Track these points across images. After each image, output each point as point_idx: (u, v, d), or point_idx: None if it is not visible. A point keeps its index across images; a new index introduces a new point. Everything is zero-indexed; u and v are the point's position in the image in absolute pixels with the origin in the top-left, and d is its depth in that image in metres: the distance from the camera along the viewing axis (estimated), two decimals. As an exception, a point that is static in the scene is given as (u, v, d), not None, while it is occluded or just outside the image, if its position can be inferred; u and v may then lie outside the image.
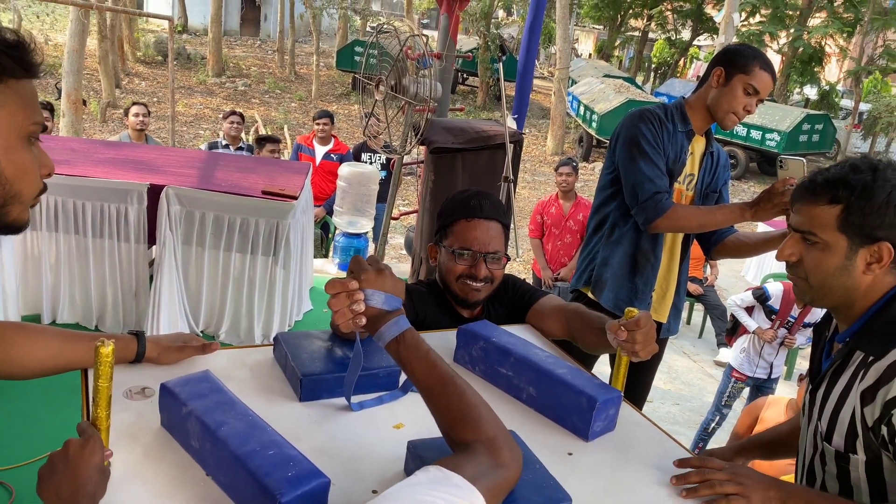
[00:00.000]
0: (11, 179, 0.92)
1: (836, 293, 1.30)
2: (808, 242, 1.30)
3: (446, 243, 1.80)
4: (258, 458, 1.00)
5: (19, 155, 0.92)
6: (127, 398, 1.24)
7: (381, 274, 1.13)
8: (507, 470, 0.95)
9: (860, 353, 1.26)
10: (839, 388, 1.29)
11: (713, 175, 2.52)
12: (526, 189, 12.68)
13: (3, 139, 0.90)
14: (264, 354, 1.45)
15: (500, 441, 0.98)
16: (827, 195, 1.26)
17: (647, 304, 2.51)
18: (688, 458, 1.25)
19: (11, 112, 0.90)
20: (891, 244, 1.23)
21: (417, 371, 1.06)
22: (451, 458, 0.95)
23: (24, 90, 0.92)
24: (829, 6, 19.62)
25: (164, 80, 17.27)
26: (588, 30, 35.58)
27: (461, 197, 1.83)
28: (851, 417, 1.25)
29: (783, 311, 4.54)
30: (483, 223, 1.76)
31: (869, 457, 1.23)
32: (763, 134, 14.99)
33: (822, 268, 1.28)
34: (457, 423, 1.01)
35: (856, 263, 1.26)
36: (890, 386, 1.17)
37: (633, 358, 1.38)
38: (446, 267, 1.80)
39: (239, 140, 6.19)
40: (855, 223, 1.24)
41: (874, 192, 1.22)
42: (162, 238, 3.59)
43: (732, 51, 2.35)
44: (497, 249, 1.77)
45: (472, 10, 19.39)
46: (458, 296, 1.79)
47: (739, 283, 8.14)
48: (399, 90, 3.94)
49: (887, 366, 1.19)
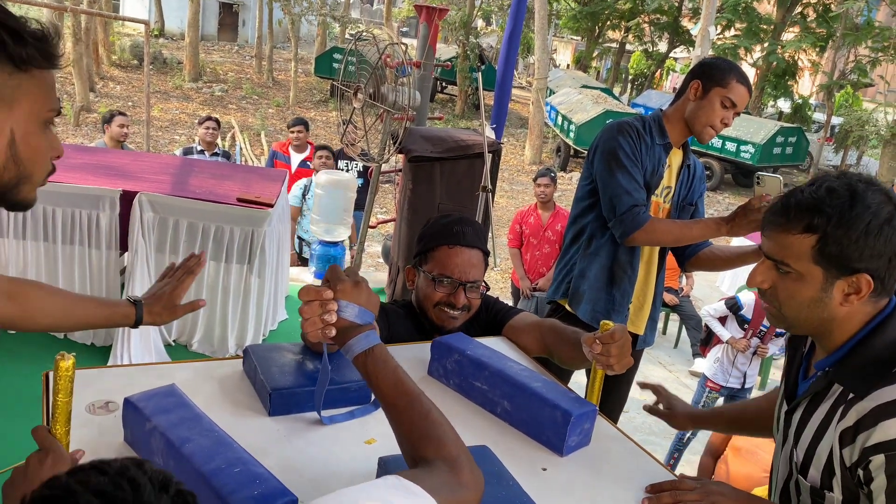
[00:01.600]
0: (26, 161, 0.99)
1: (811, 324, 1.22)
2: (780, 271, 1.21)
3: (426, 268, 1.77)
4: (223, 475, 0.98)
5: (36, 139, 1.00)
6: (90, 413, 1.21)
7: (358, 286, 1.11)
8: (468, 490, 0.93)
9: (839, 385, 1.20)
10: (817, 419, 1.23)
11: (689, 188, 2.53)
12: (504, 198, 12.71)
13: (24, 124, 0.97)
14: (233, 367, 1.42)
15: (462, 462, 0.95)
16: (801, 223, 1.16)
17: (624, 317, 2.51)
18: (659, 483, 1.23)
19: (34, 99, 0.97)
20: (870, 275, 1.14)
21: (383, 386, 1.04)
22: (412, 471, 0.93)
23: (45, 79, 0.99)
24: (802, 21, 19.98)
25: (139, 85, 17.09)
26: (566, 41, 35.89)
27: (443, 222, 1.80)
28: (829, 455, 1.20)
29: (755, 321, 4.58)
30: (465, 251, 1.75)
31: (846, 495, 1.19)
32: (738, 146, 15.18)
33: (795, 299, 1.20)
34: (419, 441, 0.98)
35: (832, 295, 1.17)
36: (871, 432, 1.11)
37: (609, 371, 1.37)
38: (424, 293, 1.78)
39: (214, 146, 6.12)
40: (832, 254, 1.14)
41: (852, 221, 1.12)
42: (134, 245, 3.53)
43: (709, 64, 2.36)
44: (476, 279, 1.76)
45: (452, 20, 19.44)
46: (434, 322, 1.77)
47: (715, 293, 8.20)
48: (377, 98, 3.93)
49: (869, 409, 1.12)
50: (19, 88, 0.95)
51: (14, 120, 0.96)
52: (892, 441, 1.09)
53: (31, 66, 0.95)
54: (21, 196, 1.02)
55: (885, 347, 1.16)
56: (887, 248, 1.13)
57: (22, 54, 0.93)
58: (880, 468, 1.10)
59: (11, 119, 0.96)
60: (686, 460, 4.43)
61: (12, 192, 1.01)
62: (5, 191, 1.00)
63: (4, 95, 0.94)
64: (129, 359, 3.47)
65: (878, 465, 1.10)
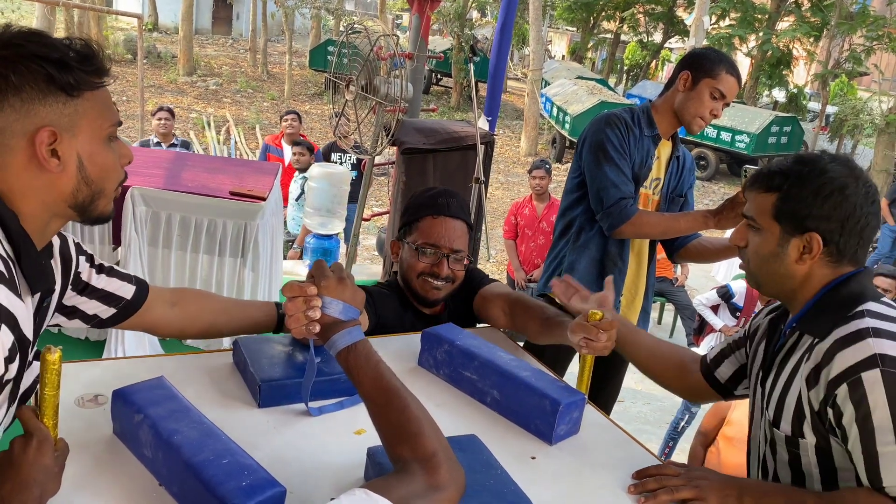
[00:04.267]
0: (96, 180, 1.02)
1: (773, 280, 1.33)
2: (752, 229, 1.34)
3: (410, 239, 1.79)
4: (212, 467, 0.98)
5: (102, 156, 1.02)
6: (79, 406, 1.21)
7: (342, 283, 1.11)
8: (444, 491, 0.92)
9: (808, 337, 1.28)
10: (786, 373, 1.30)
11: (679, 179, 2.53)
12: (500, 190, 12.71)
13: (88, 146, 1.00)
14: (224, 360, 1.43)
15: (440, 458, 0.94)
16: (769, 182, 1.31)
17: (615, 309, 2.51)
18: (645, 468, 1.25)
19: (92, 120, 1.00)
20: (820, 236, 1.25)
21: (364, 381, 1.04)
22: (382, 480, 0.93)
23: (99, 97, 1.01)
24: (796, 10, 19.94)
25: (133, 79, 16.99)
26: (561, 31, 35.77)
27: (428, 194, 1.82)
28: (798, 400, 1.25)
29: (747, 308, 4.59)
30: (449, 221, 1.76)
31: (818, 439, 1.24)
32: (733, 136, 15.17)
33: (759, 253, 1.33)
34: (396, 439, 0.98)
35: (788, 252, 1.28)
36: (830, 366, 1.18)
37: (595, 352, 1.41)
38: (408, 263, 1.79)
39: (171, 136, 6.07)
40: (787, 211, 1.27)
41: (806, 182, 1.25)
42: (127, 239, 3.52)
43: (699, 55, 2.36)
44: (461, 248, 1.77)
45: (446, 11, 19.37)
46: (419, 293, 1.78)
47: (710, 283, 8.22)
48: (370, 90, 3.92)
49: (828, 346, 1.20)
50: (76, 114, 0.98)
51: (79, 145, 0.99)
52: (850, 368, 1.16)
53: (83, 90, 0.98)
54: (98, 211, 1.05)
55: (845, 297, 1.26)
56: (836, 213, 1.24)
57: (70, 81, 0.96)
58: (846, 398, 1.16)
59: (76, 145, 0.99)
60: (681, 449, 4.45)
61: (90, 210, 1.04)
62: (81, 209, 1.03)
63: (64, 124, 0.97)
64: (123, 352, 3.47)
65: (844, 396, 1.16)
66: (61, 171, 0.98)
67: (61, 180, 0.99)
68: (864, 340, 1.17)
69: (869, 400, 1.13)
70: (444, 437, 0.99)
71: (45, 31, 1.01)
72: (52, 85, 0.95)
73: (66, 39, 0.99)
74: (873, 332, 1.17)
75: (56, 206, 1.01)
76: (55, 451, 0.95)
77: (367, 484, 0.89)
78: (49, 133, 0.96)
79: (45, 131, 0.95)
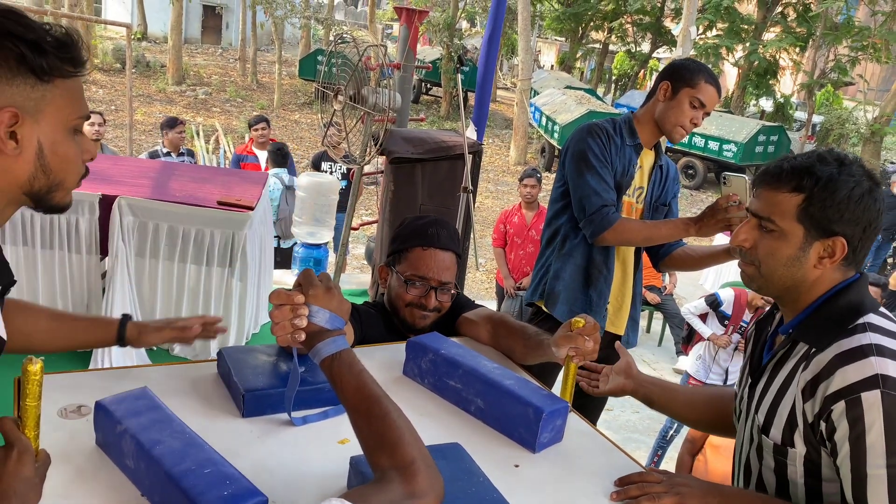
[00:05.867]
0: (56, 170, 1.00)
1: (784, 283, 1.28)
2: (764, 229, 1.28)
3: (399, 269, 1.79)
4: (193, 476, 0.98)
5: (64, 147, 1.00)
6: (62, 417, 1.21)
7: (329, 292, 1.11)
8: (421, 499, 0.92)
9: (803, 345, 1.26)
10: (779, 380, 1.28)
11: (662, 188, 2.56)
12: (489, 199, 12.74)
13: (51, 133, 0.98)
14: (208, 370, 1.43)
15: (418, 466, 0.94)
16: (791, 183, 1.24)
17: (602, 317, 2.52)
18: (627, 475, 1.25)
19: (58, 108, 0.98)
20: (845, 240, 1.22)
21: (347, 390, 1.04)
22: (360, 489, 0.93)
23: (70, 87, 0.99)
24: (782, 21, 20.15)
25: (122, 88, 16.97)
26: (550, 42, 35.99)
27: (418, 224, 1.82)
28: (791, 410, 1.24)
29: (735, 317, 4.61)
30: (438, 253, 1.76)
31: (808, 450, 1.23)
32: (720, 145, 15.29)
33: (774, 256, 1.27)
34: (376, 447, 0.98)
35: (808, 255, 1.24)
36: (830, 381, 1.16)
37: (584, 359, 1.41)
38: (396, 293, 1.80)
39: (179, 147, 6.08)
40: (814, 215, 1.22)
41: (838, 185, 1.20)
42: (114, 250, 3.52)
43: (678, 65, 2.39)
44: (449, 281, 1.78)
45: (436, 22, 19.45)
46: (406, 321, 1.79)
47: (698, 291, 8.26)
48: (358, 100, 3.93)
49: (829, 360, 1.18)
50: (43, 99, 0.96)
51: (41, 131, 0.97)
52: (850, 386, 1.14)
53: (54, 77, 0.96)
54: (55, 201, 1.03)
55: (845, 307, 1.24)
56: (864, 217, 1.22)
57: (43, 65, 0.94)
58: (842, 415, 1.14)
59: (38, 130, 0.96)
60: (670, 457, 4.46)
61: (46, 199, 1.02)
62: (37, 198, 1.01)
63: (28, 108, 0.95)
64: (110, 363, 3.46)
65: (840, 413, 1.15)
66: (18, 154, 0.96)
67: (17, 164, 0.96)
68: (866, 358, 1.14)
69: (865, 420, 1.12)
70: (423, 446, 0.99)
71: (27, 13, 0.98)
72: (22, 66, 0.92)
73: (46, 24, 0.97)
74: (876, 349, 1.15)
75: (10, 192, 0.98)
76: (36, 461, 0.95)
77: (344, 494, 0.89)
78: (11, 114, 0.93)
79: (7, 112, 0.92)
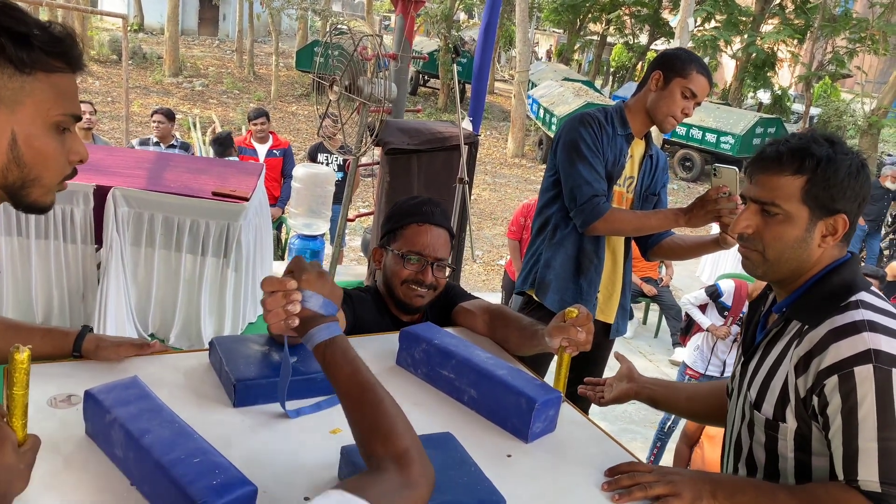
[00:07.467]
0: (30, 164, 0.98)
1: (790, 266, 1.29)
2: (767, 214, 1.28)
3: (394, 247, 1.79)
4: (183, 466, 0.98)
5: (41, 141, 0.98)
6: (51, 406, 1.20)
7: (322, 277, 1.11)
8: (416, 488, 0.92)
9: (796, 322, 1.27)
10: (772, 356, 1.29)
11: (653, 178, 2.57)
12: (486, 191, 12.72)
13: (27, 126, 0.96)
14: (199, 360, 1.42)
15: (412, 455, 0.95)
16: (792, 165, 1.24)
17: (592, 306, 2.53)
18: (617, 465, 1.25)
19: (40, 101, 0.96)
20: (846, 216, 1.24)
21: (339, 376, 1.03)
22: (357, 479, 0.93)
23: (57, 82, 0.97)
24: (780, 13, 20.09)
25: (118, 80, 16.91)
26: (548, 33, 35.87)
27: (412, 202, 1.84)
28: (784, 385, 1.25)
29: (735, 308, 4.62)
30: (434, 229, 1.78)
31: (799, 425, 1.24)
32: (718, 137, 15.27)
33: (781, 240, 1.26)
34: (370, 435, 0.98)
35: (813, 235, 1.25)
36: (823, 356, 1.18)
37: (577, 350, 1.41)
38: (392, 270, 1.79)
39: (170, 138, 6.05)
40: (818, 195, 1.23)
41: (837, 164, 1.22)
42: (109, 240, 3.50)
43: (670, 55, 2.40)
44: (444, 257, 1.79)
45: (433, 13, 19.38)
46: (402, 300, 1.78)
47: (694, 283, 8.26)
48: (354, 91, 3.91)
49: (822, 336, 1.19)
50: (21, 91, 0.94)
51: (16, 122, 0.95)
52: (843, 361, 1.15)
53: (36, 70, 0.95)
54: (32, 199, 1.01)
55: (838, 285, 1.26)
56: (860, 193, 1.24)
57: (23, 57, 0.93)
58: (834, 389, 1.16)
59: (13, 121, 0.95)
60: (670, 450, 4.47)
61: (21, 195, 1.00)
62: (12, 193, 0.99)
63: (4, 97, 0.93)
64: (105, 355, 3.44)
65: (832, 387, 1.16)
66: None
67: None
68: (859, 334, 1.16)
69: (858, 394, 1.14)
70: (416, 435, 0.99)
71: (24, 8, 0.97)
72: (1, 56, 0.92)
73: (47, 22, 0.97)
74: (869, 325, 1.17)
75: None
76: (23, 448, 0.94)
77: (340, 484, 0.89)
78: None
79: None
